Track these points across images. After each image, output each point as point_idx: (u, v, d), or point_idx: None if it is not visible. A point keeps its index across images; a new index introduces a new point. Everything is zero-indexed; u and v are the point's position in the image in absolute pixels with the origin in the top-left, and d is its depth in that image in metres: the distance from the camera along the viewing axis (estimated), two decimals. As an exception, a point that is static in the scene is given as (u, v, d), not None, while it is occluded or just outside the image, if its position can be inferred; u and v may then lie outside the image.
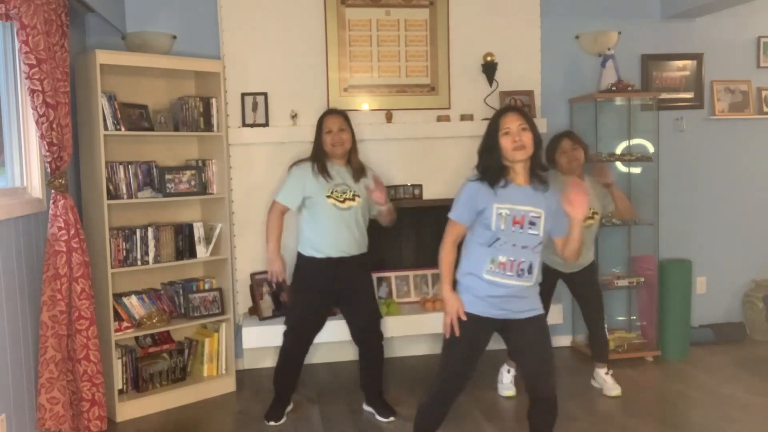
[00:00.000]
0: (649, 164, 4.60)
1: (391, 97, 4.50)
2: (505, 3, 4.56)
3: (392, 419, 3.57)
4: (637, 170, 4.69)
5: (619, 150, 4.62)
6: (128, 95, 3.89)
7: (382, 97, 4.49)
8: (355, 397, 3.84)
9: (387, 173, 4.45)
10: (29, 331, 3.06)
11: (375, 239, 4.67)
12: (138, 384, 3.82)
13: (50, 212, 3.18)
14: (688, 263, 4.60)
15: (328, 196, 3.43)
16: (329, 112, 3.63)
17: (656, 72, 4.82)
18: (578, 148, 3.75)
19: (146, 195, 3.82)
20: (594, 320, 3.86)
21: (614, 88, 4.40)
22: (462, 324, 2.57)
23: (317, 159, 3.51)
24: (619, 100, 4.58)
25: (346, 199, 3.46)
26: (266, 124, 4.30)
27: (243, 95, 4.28)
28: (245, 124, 4.29)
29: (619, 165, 4.65)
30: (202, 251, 3.99)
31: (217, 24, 4.28)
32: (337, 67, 4.41)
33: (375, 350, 3.63)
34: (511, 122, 2.53)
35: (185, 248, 3.95)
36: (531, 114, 4.54)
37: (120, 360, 3.75)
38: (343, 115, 3.57)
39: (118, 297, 3.76)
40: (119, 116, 3.66)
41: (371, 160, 4.44)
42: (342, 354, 4.48)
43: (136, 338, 3.92)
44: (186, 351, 4.05)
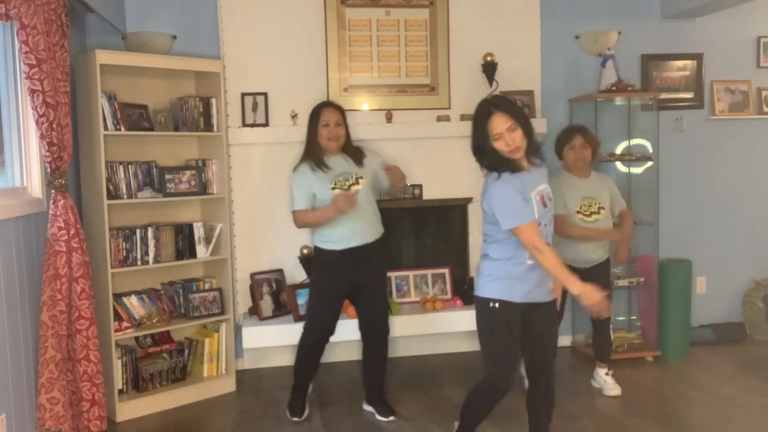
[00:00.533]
0: (649, 164, 4.60)
1: (391, 97, 4.50)
2: (505, 3, 4.56)
3: (392, 419, 3.57)
4: (637, 170, 4.69)
5: (619, 150, 4.62)
6: (128, 95, 3.89)
7: (382, 97, 4.49)
8: (356, 398, 3.84)
9: (387, 173, 4.45)
10: (29, 331, 3.06)
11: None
12: (138, 384, 3.82)
13: (50, 212, 3.18)
14: (688, 263, 4.60)
15: (333, 188, 3.43)
16: (326, 105, 3.61)
17: (656, 72, 4.82)
18: (587, 147, 3.78)
19: (146, 195, 3.82)
20: (599, 320, 3.82)
21: (614, 88, 4.40)
22: (498, 313, 2.58)
23: (312, 154, 3.50)
24: (619, 100, 4.58)
25: (351, 185, 3.47)
26: (266, 124, 4.30)
27: (243, 95, 4.28)
28: (245, 124, 4.29)
29: (619, 165, 4.65)
30: (202, 251, 3.99)
31: (217, 24, 4.28)
32: (337, 67, 4.41)
33: (381, 345, 3.64)
34: (500, 125, 2.51)
35: (185, 248, 3.95)
36: (531, 114, 4.54)
37: (120, 360, 3.75)
38: (341, 110, 3.58)
39: (118, 297, 3.75)
40: (119, 116, 3.66)
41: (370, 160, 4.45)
42: (342, 354, 4.48)
43: (136, 338, 3.92)
44: (186, 351, 4.05)
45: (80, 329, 3.27)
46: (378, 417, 3.60)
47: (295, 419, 3.57)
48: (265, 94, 4.30)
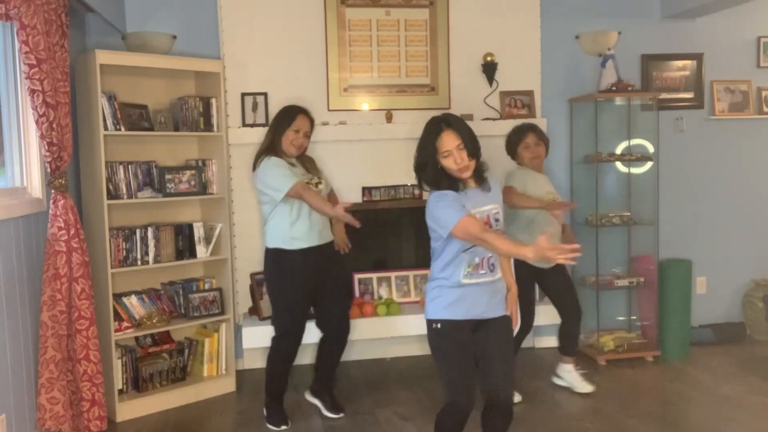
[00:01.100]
0: (649, 164, 4.60)
1: (391, 97, 4.50)
2: (505, 3, 4.56)
3: (341, 416, 3.61)
4: (637, 170, 4.69)
5: (619, 150, 4.62)
6: (128, 95, 3.89)
7: (382, 97, 4.49)
8: (356, 397, 3.84)
9: (387, 173, 4.45)
10: (29, 331, 3.06)
11: (375, 239, 4.70)
12: (138, 384, 3.82)
13: (50, 212, 3.18)
14: (688, 263, 4.60)
15: (308, 183, 3.48)
16: (303, 111, 3.56)
17: (656, 72, 4.82)
18: (541, 144, 3.82)
19: (146, 195, 3.82)
20: (571, 312, 3.82)
21: (614, 88, 4.40)
22: (444, 332, 2.57)
23: (275, 151, 3.46)
24: (619, 100, 4.58)
25: (317, 184, 3.56)
26: (266, 124, 4.28)
27: (243, 95, 4.28)
28: (245, 124, 4.29)
29: (619, 165, 4.66)
30: (202, 251, 3.99)
31: (217, 24, 4.28)
32: (337, 67, 4.41)
33: (342, 342, 3.69)
34: (449, 143, 2.50)
35: (185, 248, 3.95)
36: (531, 114, 4.54)
37: (120, 360, 3.75)
38: (312, 121, 3.62)
39: (118, 297, 3.76)
40: (119, 116, 3.66)
41: (371, 160, 4.46)
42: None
43: (136, 338, 3.92)
44: (186, 351, 4.05)
45: (80, 329, 3.27)
46: (325, 412, 3.63)
47: (284, 428, 3.51)
48: (265, 94, 4.30)
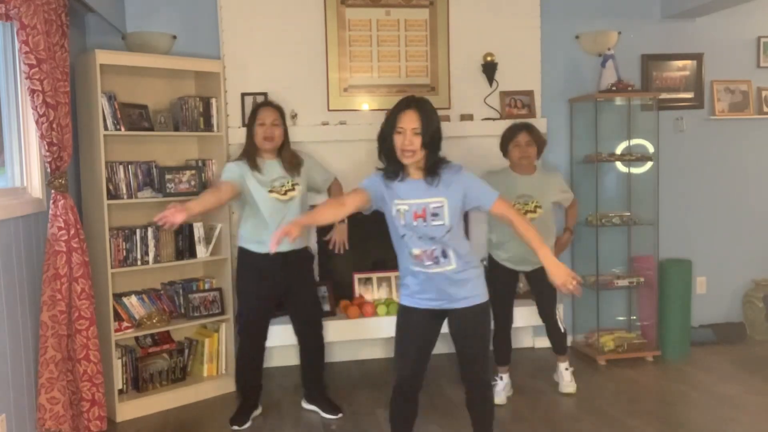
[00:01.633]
0: (649, 164, 4.60)
1: (391, 97, 4.48)
2: (505, 3, 4.56)
3: (340, 416, 3.60)
4: (637, 170, 4.69)
5: (619, 150, 4.62)
6: (128, 95, 3.89)
7: (382, 97, 4.48)
8: (356, 397, 3.84)
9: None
10: (29, 331, 3.06)
11: (375, 239, 4.69)
12: (138, 384, 3.82)
13: (50, 212, 3.18)
14: (688, 263, 4.60)
15: (270, 191, 3.43)
16: (264, 104, 3.58)
17: (656, 72, 4.82)
18: (533, 145, 3.72)
19: (146, 195, 3.82)
20: (547, 315, 3.82)
21: (614, 88, 4.40)
22: (399, 315, 2.66)
23: (248, 155, 3.48)
24: (619, 100, 4.58)
25: (287, 191, 3.47)
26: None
27: (243, 95, 4.28)
28: (245, 124, 4.28)
29: (619, 165, 4.66)
30: (202, 251, 3.99)
31: (217, 24, 4.28)
32: (337, 67, 4.41)
33: (316, 344, 3.67)
34: (407, 122, 2.48)
35: (185, 248, 3.95)
36: (531, 114, 4.54)
37: (120, 360, 3.75)
38: (279, 110, 3.54)
39: (118, 297, 3.76)
40: (119, 116, 3.66)
41: (371, 160, 4.44)
42: (341, 354, 4.48)
43: (136, 338, 3.92)
44: (186, 351, 4.05)
45: (80, 329, 3.27)
46: (323, 415, 3.62)
47: (234, 428, 3.50)
48: (265, 94, 4.29)
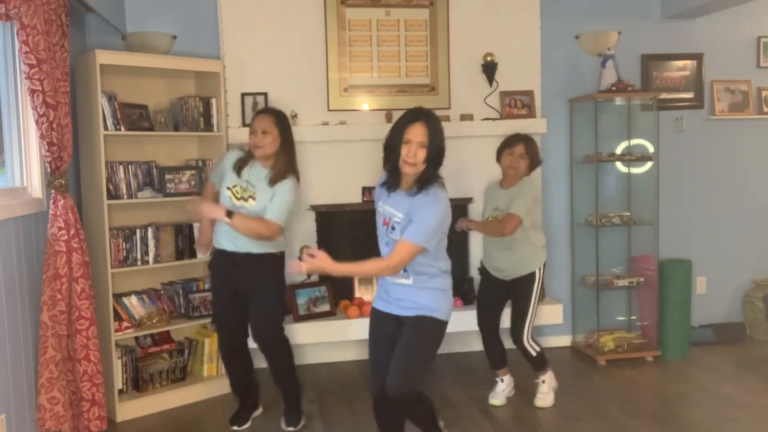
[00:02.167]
0: (649, 164, 4.60)
1: (391, 97, 4.50)
2: (505, 3, 4.56)
3: (290, 429, 3.45)
4: (637, 170, 4.69)
5: (619, 150, 4.62)
6: (128, 95, 3.89)
7: (382, 97, 4.48)
8: (356, 397, 3.84)
9: (387, 173, 4.45)
10: (29, 331, 3.06)
11: (375, 239, 4.69)
12: (138, 384, 3.81)
13: (50, 212, 3.18)
14: (688, 263, 4.60)
15: (228, 188, 3.32)
16: (260, 111, 3.42)
17: (656, 72, 4.81)
18: (525, 158, 3.62)
19: (146, 195, 3.82)
20: (513, 333, 3.69)
21: (614, 88, 4.40)
22: (370, 317, 2.77)
23: (247, 154, 3.37)
24: (619, 100, 4.58)
25: (246, 198, 3.28)
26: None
27: (243, 95, 4.28)
28: (245, 124, 4.28)
29: (619, 165, 4.66)
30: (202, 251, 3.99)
31: (217, 24, 4.28)
32: (337, 67, 4.41)
33: (270, 356, 3.44)
34: (415, 135, 2.51)
35: (185, 248, 3.95)
36: (531, 114, 4.54)
37: (120, 360, 3.75)
38: (275, 116, 3.33)
39: (118, 297, 3.76)
40: (119, 116, 3.66)
41: (371, 160, 4.45)
42: (342, 354, 4.48)
43: (136, 338, 3.92)
44: (186, 351, 4.05)
45: (80, 329, 3.27)
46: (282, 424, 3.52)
47: (234, 428, 3.50)
48: (265, 94, 4.30)
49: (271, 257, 3.37)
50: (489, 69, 4.49)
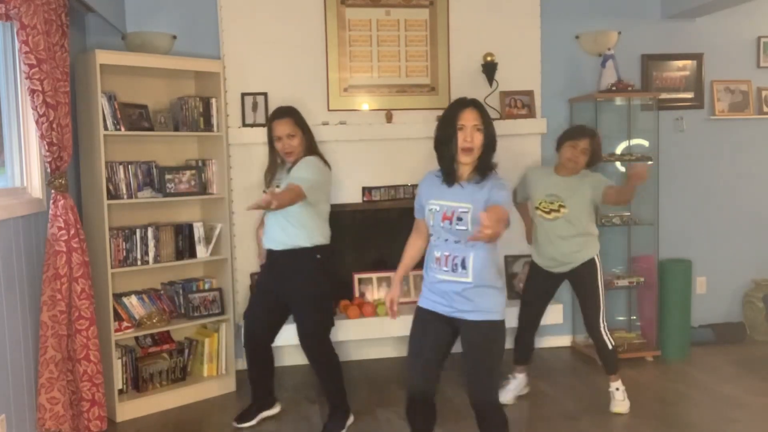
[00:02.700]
0: (649, 164, 4.60)
1: (391, 97, 4.50)
2: (505, 3, 4.56)
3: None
4: (637, 170, 4.69)
5: (619, 150, 4.63)
6: (128, 95, 3.89)
7: (382, 97, 4.48)
8: (355, 397, 3.83)
9: (387, 173, 4.46)
10: (29, 331, 3.06)
11: (375, 239, 4.70)
12: (138, 384, 3.81)
13: (50, 212, 3.18)
14: (688, 263, 4.60)
15: (264, 192, 3.30)
16: (275, 116, 3.42)
17: (656, 72, 4.81)
18: (586, 154, 3.63)
19: (146, 195, 3.82)
20: (587, 326, 3.70)
21: (614, 88, 4.40)
22: (415, 318, 2.65)
23: (270, 164, 3.49)
24: (619, 100, 4.58)
25: (276, 186, 3.37)
26: (266, 124, 4.28)
27: (243, 95, 4.28)
28: (245, 124, 4.29)
29: (619, 165, 4.65)
30: (202, 251, 3.99)
31: (217, 24, 4.28)
32: (337, 67, 4.41)
33: (313, 361, 3.49)
34: (467, 119, 2.49)
35: (185, 248, 3.95)
36: (531, 114, 4.54)
37: (120, 360, 3.75)
38: (291, 116, 3.40)
39: (118, 297, 3.75)
40: (119, 116, 3.66)
41: (371, 160, 4.46)
42: (341, 354, 4.46)
43: (136, 338, 3.92)
44: (186, 351, 4.05)
45: (80, 329, 3.27)
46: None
47: (233, 424, 3.52)
48: (265, 94, 4.30)
49: (308, 255, 3.32)
50: (489, 69, 4.49)
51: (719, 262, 4.97)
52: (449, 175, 2.55)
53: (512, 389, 3.78)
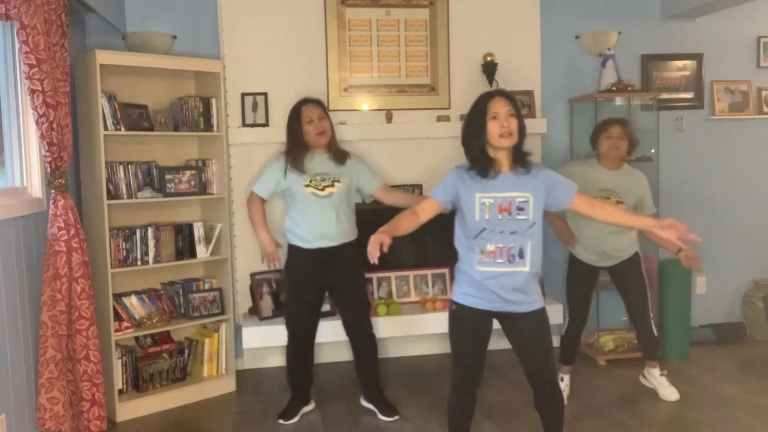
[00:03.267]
0: (649, 164, 4.60)
1: (391, 97, 4.50)
2: (505, 3, 4.56)
3: (396, 418, 3.56)
4: (637, 170, 4.69)
5: (619, 150, 4.62)
6: (128, 95, 3.89)
7: (382, 97, 4.49)
8: (355, 397, 3.83)
9: (387, 173, 4.45)
10: (29, 331, 3.06)
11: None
12: (138, 384, 3.82)
13: (50, 212, 3.18)
14: (689, 263, 4.60)
15: (307, 185, 3.47)
16: (306, 101, 3.59)
17: (656, 72, 4.82)
18: (624, 139, 3.67)
19: (146, 195, 3.82)
20: (636, 316, 3.78)
21: (614, 88, 4.40)
22: (456, 314, 2.63)
23: (292, 152, 3.53)
24: (619, 100, 4.58)
25: (326, 187, 3.49)
26: (266, 124, 4.30)
27: (243, 95, 4.28)
28: (245, 124, 4.29)
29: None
30: (202, 251, 3.99)
31: (217, 24, 4.28)
32: (337, 67, 4.41)
33: (365, 342, 3.65)
34: (500, 107, 2.49)
35: (185, 248, 3.95)
36: (531, 114, 4.54)
37: (120, 360, 3.75)
38: (321, 104, 3.60)
39: (118, 297, 3.76)
40: (119, 116, 3.66)
41: (371, 161, 4.44)
42: (342, 354, 4.47)
43: (136, 338, 3.92)
44: (186, 351, 4.05)
45: (80, 329, 3.27)
46: (380, 416, 3.59)
47: (280, 421, 3.55)
48: (265, 94, 4.30)
49: (355, 244, 3.56)
50: (489, 69, 4.49)
51: (719, 262, 4.96)
52: (486, 168, 2.52)
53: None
